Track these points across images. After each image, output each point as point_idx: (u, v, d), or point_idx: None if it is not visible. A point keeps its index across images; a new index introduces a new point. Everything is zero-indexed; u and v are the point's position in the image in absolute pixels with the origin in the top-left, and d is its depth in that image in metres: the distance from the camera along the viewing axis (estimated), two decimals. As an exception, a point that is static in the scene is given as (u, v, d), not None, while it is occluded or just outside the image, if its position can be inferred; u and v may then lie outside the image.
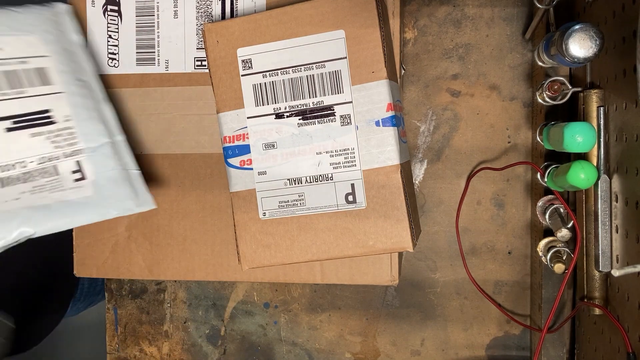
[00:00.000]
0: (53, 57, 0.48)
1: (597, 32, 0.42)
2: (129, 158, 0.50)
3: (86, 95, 0.48)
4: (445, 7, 0.60)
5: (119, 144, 0.50)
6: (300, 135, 0.48)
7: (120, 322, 0.67)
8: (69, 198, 0.45)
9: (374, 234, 0.47)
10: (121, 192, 0.47)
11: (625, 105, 0.44)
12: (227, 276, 0.56)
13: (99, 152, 0.47)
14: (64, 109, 0.47)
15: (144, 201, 0.48)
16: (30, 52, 0.47)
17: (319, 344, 0.64)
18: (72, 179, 0.46)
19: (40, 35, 0.48)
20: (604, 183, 0.46)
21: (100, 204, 0.46)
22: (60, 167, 0.45)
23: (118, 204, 0.47)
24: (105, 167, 0.47)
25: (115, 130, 0.50)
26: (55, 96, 0.47)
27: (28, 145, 0.45)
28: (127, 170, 0.48)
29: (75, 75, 0.48)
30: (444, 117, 0.60)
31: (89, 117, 0.48)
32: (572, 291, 0.57)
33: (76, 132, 0.46)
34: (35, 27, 0.48)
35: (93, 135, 0.47)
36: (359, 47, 0.46)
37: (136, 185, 0.48)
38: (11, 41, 0.46)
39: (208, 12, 0.54)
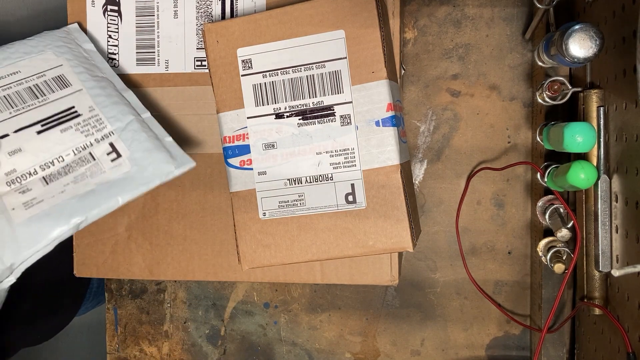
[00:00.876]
0: (67, 64, 0.51)
1: (597, 32, 0.42)
2: (160, 129, 0.51)
3: (105, 86, 0.51)
4: (445, 7, 0.60)
5: (147, 120, 0.51)
6: (300, 135, 0.48)
7: (120, 322, 0.67)
8: (110, 178, 0.47)
9: (374, 234, 0.47)
10: (158, 159, 0.48)
11: (625, 105, 0.44)
12: (227, 276, 0.56)
13: (128, 129, 0.49)
14: (87, 102, 0.49)
15: (183, 162, 0.49)
16: (46, 66, 0.50)
17: (319, 344, 0.64)
18: (109, 160, 0.48)
19: (52, 50, 0.51)
20: (604, 183, 0.46)
21: (141, 176, 0.48)
22: (95, 152, 0.48)
23: (158, 170, 0.48)
24: (137, 141, 0.49)
25: (140, 109, 0.52)
26: (76, 94, 0.49)
27: (61, 141, 0.48)
28: (160, 139, 0.50)
29: (91, 73, 0.51)
30: (444, 117, 0.60)
31: (112, 102, 0.50)
32: (572, 291, 0.57)
33: (102, 118, 0.49)
34: (47, 45, 0.52)
35: (119, 116, 0.50)
36: (359, 47, 0.46)
37: (172, 150, 0.50)
38: (26, 63, 0.50)
39: (208, 12, 0.54)
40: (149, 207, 0.56)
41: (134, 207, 0.56)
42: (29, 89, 0.49)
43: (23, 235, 0.45)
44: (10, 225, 0.46)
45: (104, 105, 0.50)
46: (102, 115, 0.49)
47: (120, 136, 0.49)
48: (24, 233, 0.45)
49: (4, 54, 0.51)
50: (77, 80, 0.50)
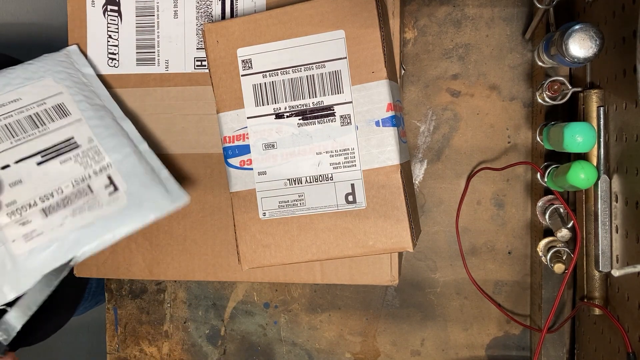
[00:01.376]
0: (66, 92, 0.51)
1: (597, 32, 0.42)
2: (156, 161, 0.52)
3: (104, 116, 0.51)
4: (445, 7, 0.60)
5: (144, 152, 0.52)
6: (300, 135, 0.48)
7: (120, 322, 0.67)
8: (107, 212, 0.48)
9: (374, 234, 0.47)
10: (154, 194, 0.49)
11: (625, 105, 0.44)
12: (227, 276, 0.56)
13: (126, 162, 0.50)
14: (86, 132, 0.50)
15: (178, 197, 0.50)
16: (46, 93, 0.50)
17: (319, 344, 0.64)
18: (106, 194, 0.48)
19: (52, 76, 0.52)
20: (604, 183, 0.46)
21: (137, 211, 0.48)
22: (93, 185, 0.48)
23: (154, 205, 0.49)
24: (134, 174, 0.49)
25: (137, 140, 0.52)
26: (75, 124, 0.50)
27: (60, 173, 0.48)
28: (156, 173, 0.51)
29: (90, 101, 0.52)
30: (444, 117, 0.60)
31: (110, 133, 0.51)
32: (572, 291, 0.57)
33: (101, 150, 0.49)
34: (46, 71, 0.52)
35: (117, 148, 0.50)
36: (359, 47, 0.46)
37: (167, 184, 0.50)
38: (27, 90, 0.50)
39: (208, 12, 0.54)
40: (149, 207, 0.56)
41: (134, 207, 0.56)
42: (29, 118, 0.49)
43: (23, 268, 0.46)
44: (10, 258, 0.46)
45: (103, 137, 0.50)
46: (100, 147, 0.49)
47: (118, 169, 0.49)
48: (24, 266, 0.46)
49: (5, 79, 0.51)
50: (77, 109, 0.50)
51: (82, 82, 0.53)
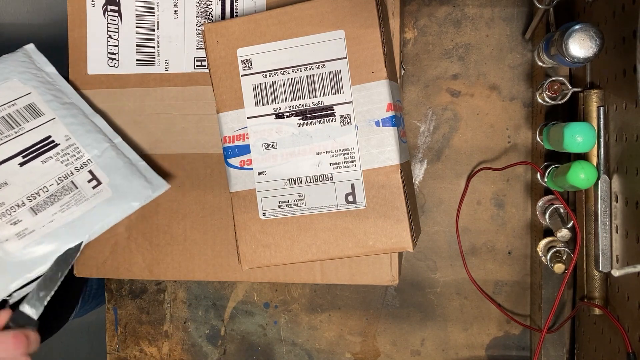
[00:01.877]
0: (35, 92, 0.53)
1: (597, 32, 0.42)
2: (132, 154, 0.54)
3: (76, 114, 0.53)
4: (445, 7, 0.60)
5: (120, 145, 0.54)
6: (300, 135, 0.48)
7: (120, 322, 0.67)
8: (94, 204, 0.50)
9: (374, 234, 0.47)
10: (136, 184, 0.51)
11: (625, 105, 0.44)
12: (227, 276, 0.56)
13: (104, 156, 0.52)
14: (62, 131, 0.51)
15: (158, 185, 0.53)
16: (14, 94, 0.52)
17: (319, 344, 0.64)
18: (90, 187, 0.50)
19: (17, 77, 0.53)
20: (604, 183, 0.46)
21: (122, 201, 0.51)
22: (76, 180, 0.50)
23: (137, 194, 0.51)
24: (115, 168, 0.51)
25: (111, 134, 0.54)
26: (50, 123, 0.51)
27: (43, 171, 0.50)
28: (134, 164, 0.53)
29: (59, 100, 0.53)
30: (444, 117, 0.60)
31: (85, 130, 0.52)
32: (572, 291, 0.57)
33: (79, 147, 0.51)
34: (10, 72, 0.53)
35: (94, 144, 0.52)
36: (359, 47, 0.46)
37: (146, 174, 0.53)
38: None
39: (208, 12, 0.54)
40: (149, 207, 0.56)
41: (134, 207, 0.56)
42: (3, 119, 0.50)
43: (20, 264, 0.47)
44: (6, 256, 0.47)
45: (79, 134, 0.52)
46: (78, 144, 0.51)
47: (98, 164, 0.51)
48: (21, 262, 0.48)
49: None
50: (49, 108, 0.52)
51: (48, 81, 0.54)
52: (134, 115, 0.56)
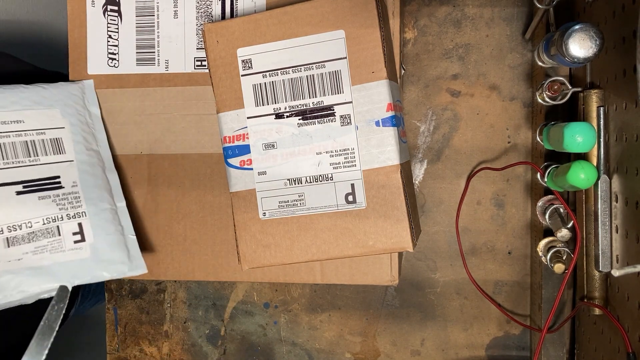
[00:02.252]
0: (69, 128, 0.51)
1: (597, 32, 0.42)
2: (127, 223, 0.53)
3: (95, 164, 0.52)
4: (445, 7, 0.60)
5: (120, 210, 0.53)
6: (300, 135, 0.48)
7: (120, 322, 0.67)
8: (66, 259, 0.48)
9: (374, 234, 0.47)
10: (116, 256, 0.50)
11: (625, 105, 0.44)
12: (227, 276, 0.56)
13: (101, 216, 0.50)
14: (73, 176, 0.50)
15: (137, 266, 0.51)
16: (49, 124, 0.51)
17: (319, 344, 0.64)
18: (72, 240, 0.48)
19: (60, 109, 0.52)
20: (604, 183, 0.46)
21: (95, 267, 0.49)
22: (63, 228, 0.48)
23: (112, 267, 0.49)
24: (104, 231, 0.50)
25: (118, 197, 0.53)
26: (66, 164, 0.50)
27: (35, 207, 0.48)
28: (125, 235, 0.51)
29: (87, 144, 0.52)
30: (444, 117, 0.60)
31: (95, 184, 0.51)
32: (572, 291, 0.57)
33: (81, 197, 0.50)
34: (57, 101, 0.52)
35: (96, 200, 0.51)
36: (359, 47, 0.46)
37: (131, 250, 0.51)
38: (32, 114, 0.50)
39: (208, 12, 0.54)
40: (149, 207, 0.56)
41: (134, 207, 0.56)
42: (25, 144, 0.49)
43: None
44: None
45: (87, 185, 0.50)
46: (82, 194, 0.50)
47: (90, 220, 0.49)
48: None
49: (15, 96, 0.50)
50: (72, 149, 0.51)
51: (87, 122, 0.53)
52: (134, 115, 0.56)
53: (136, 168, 0.56)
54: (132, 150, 0.56)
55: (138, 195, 0.56)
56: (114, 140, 0.56)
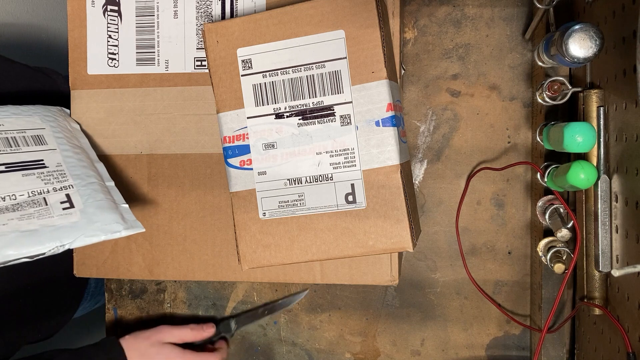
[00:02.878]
0: (50, 129, 0.53)
1: (597, 32, 0.42)
2: (119, 197, 0.53)
3: (79, 153, 0.53)
4: (445, 7, 0.60)
5: (110, 187, 0.53)
6: (300, 135, 0.48)
7: (120, 322, 0.67)
8: (56, 223, 0.48)
9: (374, 234, 0.47)
10: (109, 217, 0.50)
11: (625, 105, 0.44)
12: (227, 276, 0.56)
13: (88, 187, 0.51)
14: (57, 159, 0.52)
15: (133, 225, 0.51)
16: (29, 126, 0.52)
17: (319, 344, 0.64)
18: (60, 208, 0.49)
19: (39, 116, 0.54)
20: (604, 183, 0.46)
21: (87, 227, 0.49)
22: (49, 199, 0.49)
23: (105, 227, 0.49)
24: (93, 198, 0.51)
25: (106, 178, 0.54)
26: (49, 151, 0.52)
27: (19, 182, 0.49)
28: (116, 203, 0.52)
29: (69, 140, 0.54)
30: (444, 117, 0.60)
31: (81, 165, 0.52)
32: (572, 291, 0.57)
33: (66, 173, 0.51)
34: (36, 112, 0.54)
35: (83, 176, 0.52)
36: (359, 47, 0.46)
37: (125, 214, 0.51)
38: (11, 120, 0.52)
39: (208, 12, 0.54)
40: (149, 207, 0.56)
41: (134, 207, 0.56)
42: (5, 140, 0.50)
43: None
44: None
45: (72, 165, 0.52)
46: (67, 171, 0.51)
47: (78, 191, 0.50)
48: None
49: None
50: (54, 142, 0.52)
51: (67, 128, 0.55)
52: (134, 115, 0.56)
53: (136, 168, 0.56)
54: (132, 150, 0.56)
55: (138, 195, 0.56)
56: (114, 140, 0.56)
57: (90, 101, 0.56)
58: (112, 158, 0.57)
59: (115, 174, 0.56)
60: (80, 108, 0.56)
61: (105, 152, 0.56)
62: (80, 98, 0.56)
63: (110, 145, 0.56)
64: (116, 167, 0.56)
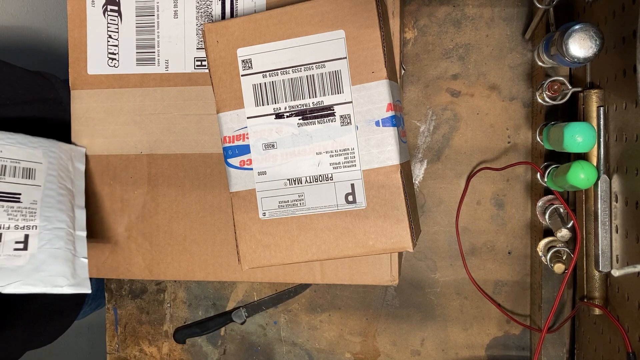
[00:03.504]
0: (46, 165, 0.52)
1: (597, 32, 0.42)
2: (82, 249, 0.51)
3: (64, 195, 0.52)
4: (445, 7, 0.60)
5: (78, 238, 0.52)
6: (300, 135, 0.48)
7: (120, 322, 0.67)
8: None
9: (374, 234, 0.47)
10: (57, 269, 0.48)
11: (625, 105, 0.44)
12: (227, 276, 0.56)
13: (53, 232, 0.49)
14: (34, 196, 0.50)
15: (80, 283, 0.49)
16: (27, 158, 0.51)
17: (319, 344, 0.64)
18: (12, 247, 0.47)
19: (42, 150, 0.52)
20: (604, 183, 0.46)
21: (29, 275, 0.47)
22: (6, 235, 0.47)
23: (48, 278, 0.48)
24: (52, 245, 0.49)
25: (80, 227, 0.52)
26: (32, 187, 0.50)
27: None
28: (75, 256, 0.50)
29: (61, 181, 0.52)
30: (444, 117, 0.60)
31: (57, 208, 0.51)
32: (572, 291, 0.57)
33: (37, 213, 0.49)
34: (42, 146, 0.52)
35: (53, 219, 0.50)
36: (359, 47, 0.46)
37: (78, 269, 0.50)
38: (13, 149, 0.51)
39: (208, 12, 0.54)
40: (149, 207, 0.56)
41: (134, 207, 0.56)
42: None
43: None
44: None
45: (48, 206, 0.50)
46: (39, 211, 0.49)
47: (40, 233, 0.48)
48: None
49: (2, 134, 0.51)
50: (43, 179, 0.51)
51: (67, 168, 0.53)
52: (134, 115, 0.56)
53: (136, 168, 0.56)
54: (132, 150, 0.56)
55: (138, 195, 0.56)
56: (114, 140, 0.56)
57: (90, 101, 0.56)
58: (112, 158, 0.57)
59: (116, 174, 0.56)
60: (80, 108, 0.56)
61: (105, 152, 0.57)
62: (80, 98, 0.56)
63: (110, 145, 0.56)
64: (116, 167, 0.56)
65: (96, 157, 0.57)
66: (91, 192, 0.57)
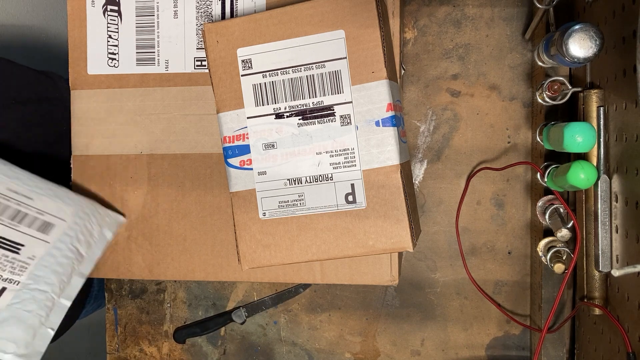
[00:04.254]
0: (69, 224, 0.50)
1: (597, 32, 0.42)
2: (56, 319, 0.50)
3: (70, 258, 0.50)
4: (445, 7, 0.60)
5: (58, 305, 0.50)
6: (300, 135, 0.48)
7: (120, 322, 0.67)
8: None
9: (374, 234, 0.47)
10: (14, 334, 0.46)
11: (625, 105, 0.44)
12: (227, 276, 0.56)
13: (34, 292, 0.48)
14: (36, 252, 0.48)
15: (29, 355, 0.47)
16: (53, 212, 0.49)
17: (319, 344, 0.64)
18: None
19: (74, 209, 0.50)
20: (604, 183, 0.46)
21: None
22: None
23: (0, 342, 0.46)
24: (23, 307, 0.47)
25: (67, 295, 0.51)
26: (40, 241, 0.49)
27: None
28: (43, 324, 0.48)
29: (74, 243, 0.51)
30: (444, 117, 0.60)
31: (52, 270, 0.49)
32: (572, 291, 0.57)
33: (28, 270, 0.47)
34: (76, 204, 0.51)
35: (41, 281, 0.48)
36: (359, 47, 0.46)
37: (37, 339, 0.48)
38: (45, 200, 0.49)
39: (208, 12, 0.54)
40: (149, 207, 0.56)
41: (134, 207, 0.56)
42: (15, 211, 0.47)
43: None
44: None
45: (44, 265, 0.48)
46: (31, 267, 0.48)
47: (19, 291, 0.47)
48: None
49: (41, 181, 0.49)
50: (56, 237, 0.49)
51: (90, 232, 0.52)
52: (134, 115, 0.56)
53: (136, 168, 0.56)
54: (132, 150, 0.56)
55: (138, 195, 0.56)
56: (114, 140, 0.56)
57: (90, 101, 0.56)
58: (112, 158, 0.57)
59: (116, 174, 0.56)
60: (80, 108, 0.56)
61: (105, 152, 0.57)
62: (80, 98, 0.56)
63: (110, 145, 0.56)
64: (116, 167, 0.56)
65: (96, 157, 0.57)
66: (91, 192, 0.57)
